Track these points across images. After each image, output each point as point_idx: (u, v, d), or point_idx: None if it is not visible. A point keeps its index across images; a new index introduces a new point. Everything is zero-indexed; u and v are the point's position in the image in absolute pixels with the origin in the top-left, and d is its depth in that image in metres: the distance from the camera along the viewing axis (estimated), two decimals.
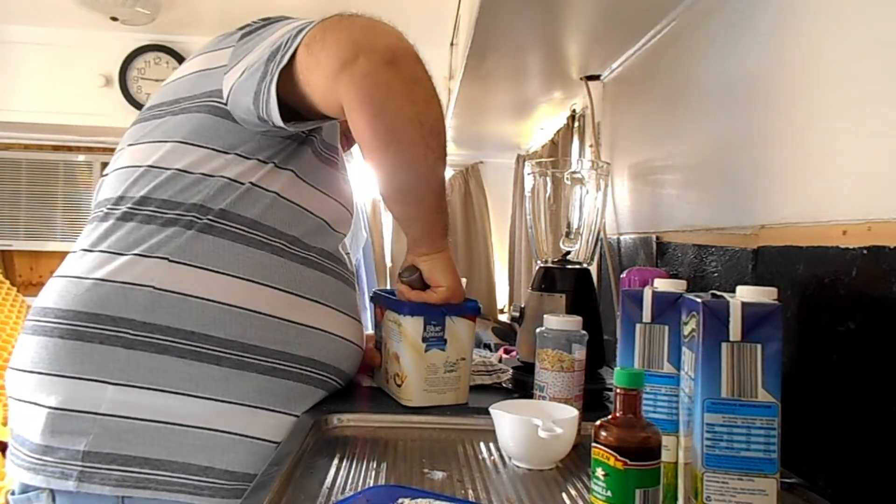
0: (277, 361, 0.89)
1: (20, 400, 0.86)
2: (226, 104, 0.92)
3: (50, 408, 0.82)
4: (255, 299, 0.88)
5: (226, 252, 0.88)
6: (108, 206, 0.92)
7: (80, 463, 0.81)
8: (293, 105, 0.88)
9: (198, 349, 0.84)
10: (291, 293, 0.92)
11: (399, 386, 0.98)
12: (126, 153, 0.96)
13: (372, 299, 1.13)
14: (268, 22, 0.96)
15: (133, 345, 0.83)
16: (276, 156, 0.95)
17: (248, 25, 0.98)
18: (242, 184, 0.91)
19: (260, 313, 0.88)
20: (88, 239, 0.90)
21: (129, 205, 0.90)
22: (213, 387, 0.85)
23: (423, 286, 0.98)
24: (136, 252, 0.86)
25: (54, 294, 0.88)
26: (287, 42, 0.85)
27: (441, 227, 0.97)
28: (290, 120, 0.88)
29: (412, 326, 0.96)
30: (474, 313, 1.00)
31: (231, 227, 0.89)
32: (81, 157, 3.34)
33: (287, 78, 0.85)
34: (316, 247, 0.97)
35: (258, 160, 0.93)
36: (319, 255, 0.97)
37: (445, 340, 0.97)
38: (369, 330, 1.31)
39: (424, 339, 0.96)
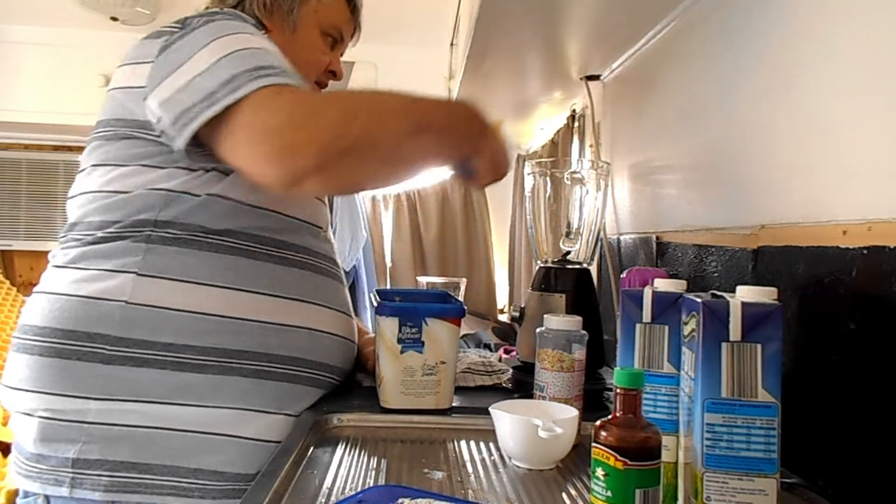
0: (261, 364, 0.89)
1: (15, 411, 0.87)
2: (158, 136, 0.87)
3: (41, 417, 0.84)
4: (231, 306, 0.88)
5: (194, 261, 0.87)
6: (76, 231, 0.91)
7: (70, 470, 0.82)
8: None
9: (178, 360, 0.84)
10: (268, 295, 0.91)
11: (379, 387, 0.98)
12: (83, 177, 0.94)
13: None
14: (184, 27, 0.89)
15: (111, 360, 0.83)
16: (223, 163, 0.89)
17: (168, 31, 0.91)
18: (198, 195, 0.89)
19: (237, 319, 0.88)
20: (62, 259, 0.90)
21: (90, 228, 0.89)
22: (197, 394, 0.85)
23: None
24: (105, 268, 0.86)
25: (34, 311, 0.88)
26: (217, 98, 0.78)
27: (454, 147, 0.88)
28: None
29: (388, 327, 0.95)
30: (457, 316, 0.97)
31: (196, 236, 0.88)
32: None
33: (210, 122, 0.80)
34: (291, 244, 0.95)
35: (203, 169, 0.89)
36: (296, 252, 0.96)
37: (423, 343, 0.95)
38: (370, 330, 1.31)
39: (400, 341, 0.95)
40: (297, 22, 1.06)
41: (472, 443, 0.88)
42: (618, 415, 0.58)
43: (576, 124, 1.98)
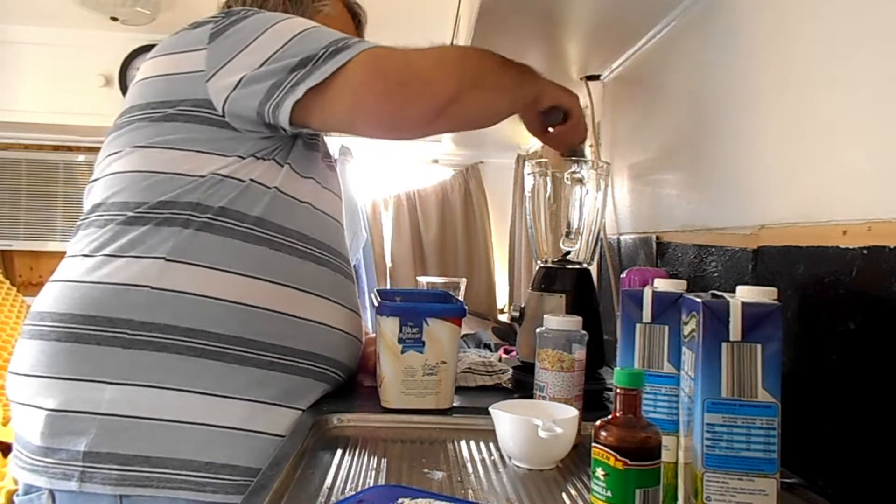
0: (276, 355, 0.89)
1: (21, 403, 0.86)
2: (221, 115, 0.91)
3: (49, 410, 0.82)
4: (254, 294, 0.89)
5: (223, 249, 0.88)
6: (102, 211, 0.91)
7: (80, 463, 0.81)
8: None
9: (197, 346, 0.85)
10: (290, 287, 0.92)
11: (380, 386, 0.98)
12: (114, 161, 0.95)
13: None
14: (230, 14, 0.94)
15: (131, 344, 0.83)
16: (274, 153, 0.95)
17: (212, 20, 0.95)
18: (243, 181, 0.91)
19: (258, 308, 0.89)
20: (84, 244, 0.90)
21: (123, 209, 0.89)
22: (212, 382, 0.85)
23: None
24: (132, 254, 0.86)
25: (51, 298, 0.88)
26: (321, 58, 0.86)
27: (531, 78, 1.02)
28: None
29: (388, 327, 0.95)
30: (457, 316, 0.98)
31: (230, 224, 0.89)
32: (81, 157, 3.34)
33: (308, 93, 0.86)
34: (315, 239, 0.97)
35: (255, 157, 0.93)
36: (318, 248, 0.97)
37: (423, 343, 0.95)
38: (370, 330, 1.31)
39: (400, 341, 0.95)
40: None
41: (472, 443, 0.88)
42: (618, 415, 0.58)
43: None
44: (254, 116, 0.89)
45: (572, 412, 0.82)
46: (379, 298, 1.00)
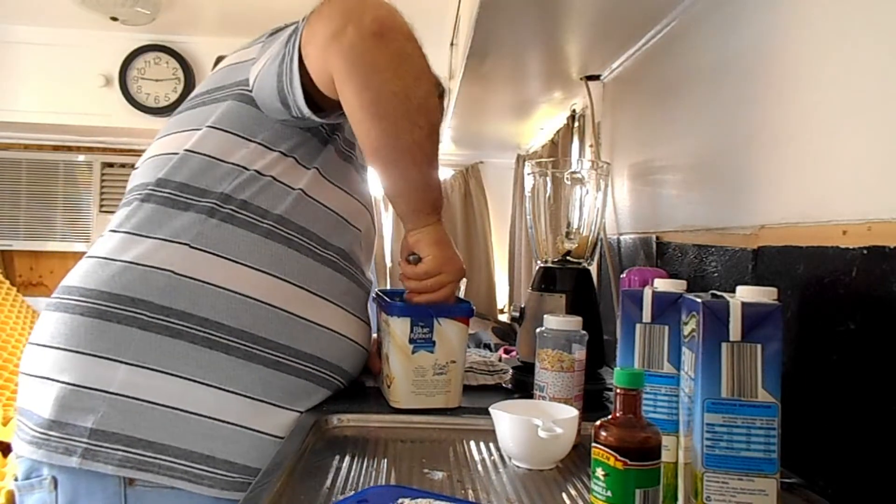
0: (283, 356, 0.90)
1: (34, 376, 0.86)
2: (251, 91, 0.95)
3: (63, 383, 0.83)
4: (269, 291, 0.89)
5: (245, 242, 0.89)
6: (137, 192, 0.94)
7: (86, 440, 0.81)
8: (311, 94, 0.90)
9: (209, 336, 0.86)
10: (304, 289, 0.93)
11: (388, 387, 0.98)
12: (158, 143, 0.99)
13: (373, 300, 1.13)
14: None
15: (148, 327, 0.84)
16: (297, 149, 0.96)
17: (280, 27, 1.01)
18: (265, 176, 0.93)
19: (271, 306, 0.89)
20: (117, 221, 0.93)
21: (154, 188, 0.92)
22: (219, 375, 0.86)
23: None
24: (158, 236, 0.88)
25: (80, 273, 0.90)
26: (300, 23, 0.89)
27: (428, 204, 0.97)
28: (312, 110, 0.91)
29: (399, 327, 0.95)
30: (466, 315, 0.98)
31: (252, 218, 0.91)
32: (81, 157, 3.34)
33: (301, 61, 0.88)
34: (334, 245, 0.98)
35: (281, 153, 0.95)
36: (336, 254, 0.98)
37: (434, 342, 0.95)
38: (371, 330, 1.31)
39: (412, 341, 0.95)
40: None
41: (472, 443, 0.88)
42: (618, 415, 0.58)
43: (576, 124, 1.98)
44: (274, 95, 0.91)
45: (572, 412, 0.82)
46: (387, 298, 1.00)
